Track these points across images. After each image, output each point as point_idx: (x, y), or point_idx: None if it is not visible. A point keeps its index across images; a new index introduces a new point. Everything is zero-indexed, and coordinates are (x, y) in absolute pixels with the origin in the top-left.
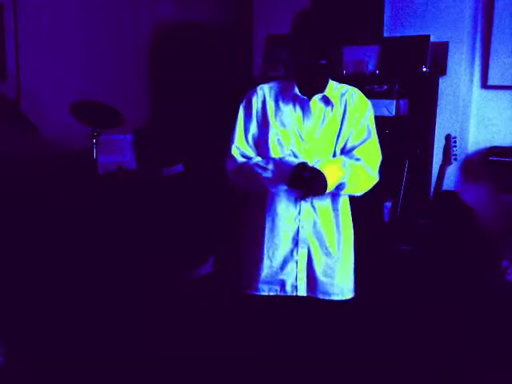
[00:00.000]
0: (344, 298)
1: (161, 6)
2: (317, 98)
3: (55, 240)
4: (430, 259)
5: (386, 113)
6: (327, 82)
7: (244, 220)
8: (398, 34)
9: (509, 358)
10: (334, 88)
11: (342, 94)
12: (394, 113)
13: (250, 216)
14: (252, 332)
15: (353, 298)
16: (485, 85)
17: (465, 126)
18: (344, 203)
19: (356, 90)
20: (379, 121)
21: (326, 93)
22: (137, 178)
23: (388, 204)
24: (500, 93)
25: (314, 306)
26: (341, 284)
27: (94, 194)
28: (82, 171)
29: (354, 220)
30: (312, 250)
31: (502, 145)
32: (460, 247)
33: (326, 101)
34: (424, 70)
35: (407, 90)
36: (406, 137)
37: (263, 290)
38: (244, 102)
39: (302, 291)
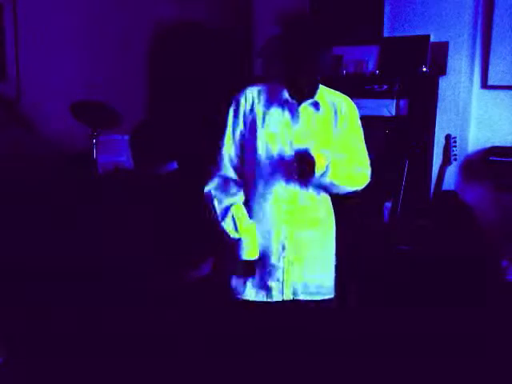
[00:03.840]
0: (325, 298)
1: (161, 6)
2: (307, 103)
3: (55, 240)
4: (430, 259)
5: (386, 113)
6: (317, 86)
7: None
8: (398, 34)
9: (509, 359)
10: (325, 94)
11: (333, 101)
12: (394, 113)
13: None
14: (243, 338)
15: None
16: (485, 85)
17: (465, 126)
18: (327, 205)
19: (347, 97)
20: (379, 121)
21: (316, 98)
22: (135, 178)
23: (388, 204)
24: (500, 93)
25: (298, 309)
26: (321, 283)
27: (94, 194)
28: (82, 171)
29: (354, 220)
30: (295, 253)
31: (502, 145)
32: (460, 247)
33: (317, 106)
34: (424, 69)
35: (407, 89)
36: (405, 137)
37: (250, 295)
38: (233, 105)
39: (288, 295)
